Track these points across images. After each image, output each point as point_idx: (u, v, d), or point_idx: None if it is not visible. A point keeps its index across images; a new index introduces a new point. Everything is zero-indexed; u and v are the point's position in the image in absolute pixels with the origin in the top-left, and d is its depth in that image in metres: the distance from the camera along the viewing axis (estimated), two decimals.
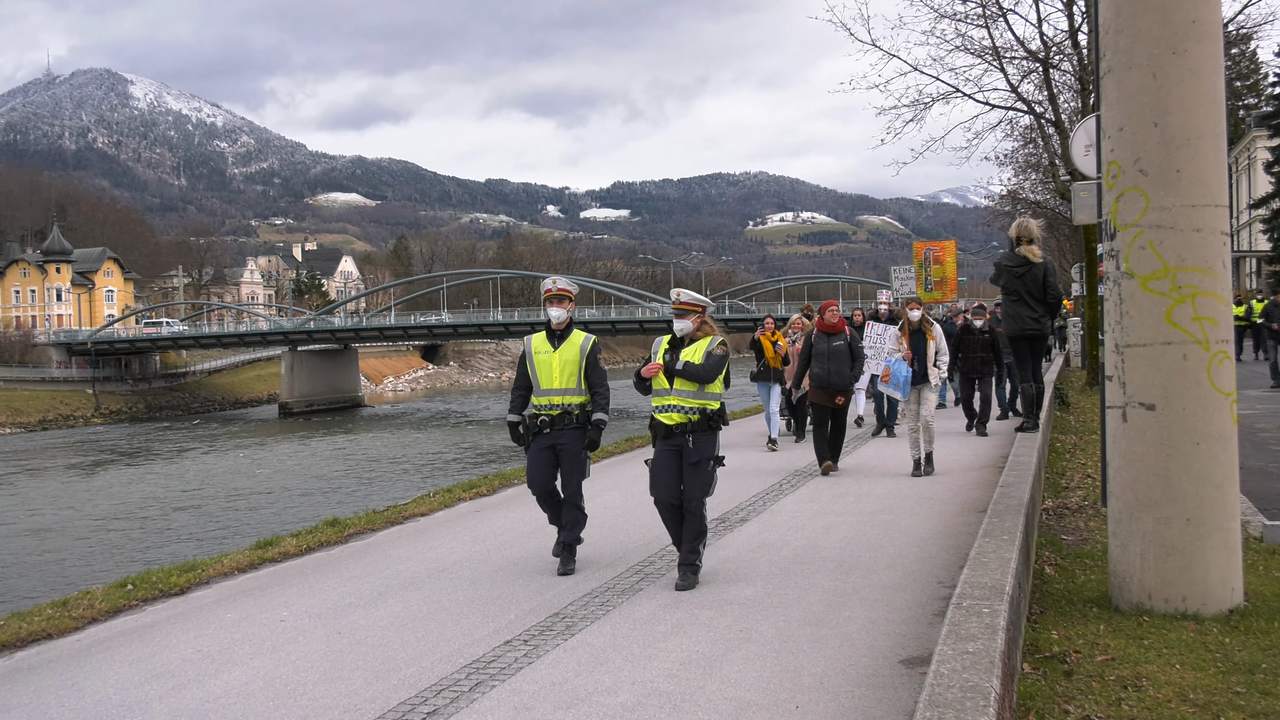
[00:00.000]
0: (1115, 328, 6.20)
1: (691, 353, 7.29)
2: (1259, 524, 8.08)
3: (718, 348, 7.29)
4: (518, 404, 8.20)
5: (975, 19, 22.01)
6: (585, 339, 8.10)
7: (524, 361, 8.19)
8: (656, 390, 7.40)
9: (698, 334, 7.40)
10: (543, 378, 8.01)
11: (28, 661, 6.22)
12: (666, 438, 7.37)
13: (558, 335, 8.07)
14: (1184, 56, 5.86)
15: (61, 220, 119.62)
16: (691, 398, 7.29)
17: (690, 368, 7.20)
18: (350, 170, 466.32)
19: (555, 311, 8.07)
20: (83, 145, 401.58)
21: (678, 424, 7.30)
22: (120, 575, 9.00)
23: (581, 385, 7.99)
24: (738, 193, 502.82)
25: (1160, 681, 4.78)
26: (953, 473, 11.75)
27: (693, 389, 7.28)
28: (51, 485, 43.58)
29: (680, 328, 7.39)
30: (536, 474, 8.02)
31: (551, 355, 7.99)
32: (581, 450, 7.95)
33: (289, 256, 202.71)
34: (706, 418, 7.31)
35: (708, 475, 7.30)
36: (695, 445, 7.26)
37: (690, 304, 7.41)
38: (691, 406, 7.30)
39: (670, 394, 7.35)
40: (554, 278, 8.22)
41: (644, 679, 5.34)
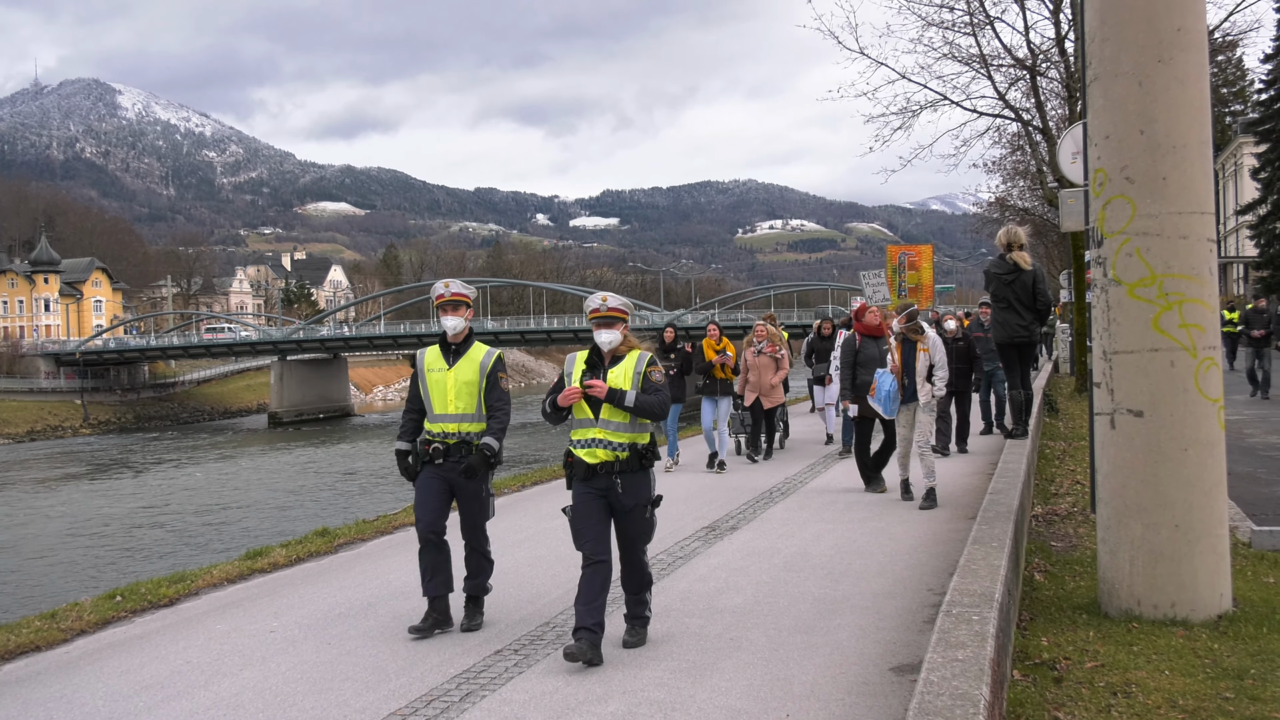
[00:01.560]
0: (1103, 334, 6.22)
1: (620, 375, 6.07)
2: (1247, 529, 8.10)
3: (653, 367, 6.11)
4: (408, 430, 6.94)
5: (963, 27, 22.08)
6: (486, 354, 6.92)
7: (415, 379, 6.96)
8: (577, 421, 6.12)
9: (622, 348, 6.17)
10: (436, 400, 6.81)
11: (16, 674, 6.19)
12: (588, 478, 6.04)
13: (454, 350, 6.86)
14: (1170, 64, 5.89)
15: (49, 230, 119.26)
16: (621, 430, 6.03)
17: (642, 401, 5.99)
18: (339, 179, 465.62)
19: (450, 321, 6.83)
20: (70, 155, 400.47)
21: (603, 462, 6.00)
22: (109, 587, 8.97)
23: (482, 410, 6.81)
24: (727, 200, 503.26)
25: (1149, 688, 4.79)
26: (942, 480, 11.75)
27: (623, 419, 6.03)
28: (38, 496, 43.38)
29: (607, 340, 6.12)
30: (426, 507, 6.75)
31: (446, 374, 6.79)
32: (481, 487, 6.78)
33: (278, 266, 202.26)
34: (638, 453, 6.06)
35: (646, 521, 6.12)
36: (627, 488, 6.01)
37: (619, 310, 6.16)
38: (621, 441, 6.03)
39: (594, 425, 6.05)
40: (447, 281, 7.02)
41: (635, 687, 5.33)
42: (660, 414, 6.06)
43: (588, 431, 6.09)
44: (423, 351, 7.00)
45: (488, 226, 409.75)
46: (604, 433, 6.05)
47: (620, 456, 6.03)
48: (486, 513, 6.89)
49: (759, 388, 14.42)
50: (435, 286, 7.06)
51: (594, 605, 5.82)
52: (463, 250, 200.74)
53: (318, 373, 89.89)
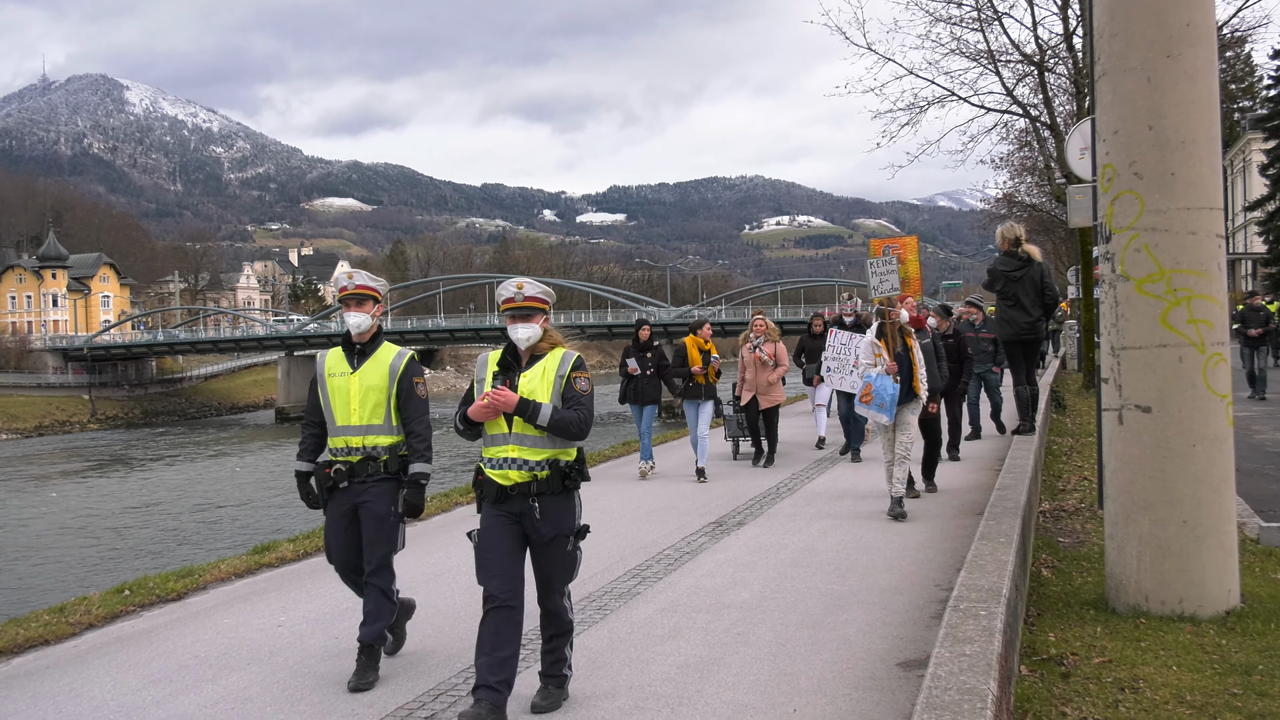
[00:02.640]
0: (1111, 330, 6.20)
1: (537, 377, 5.06)
2: (1255, 526, 8.09)
3: (579, 372, 5.11)
4: (309, 448, 5.98)
5: (970, 23, 22.04)
6: (397, 356, 5.93)
7: (315, 386, 5.98)
8: (489, 435, 5.12)
9: (543, 346, 5.15)
10: (338, 410, 5.83)
11: (25, 667, 6.21)
12: (500, 501, 5.06)
13: (358, 351, 5.90)
14: (1178, 60, 5.87)
15: (57, 226, 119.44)
16: (539, 445, 5.02)
17: (559, 419, 4.94)
18: (346, 175, 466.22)
19: (355, 318, 5.86)
20: (78, 151, 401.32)
21: (518, 484, 5.02)
22: (117, 581, 8.99)
23: (392, 421, 5.85)
24: (734, 197, 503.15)
25: (1157, 683, 4.78)
26: (949, 476, 11.74)
27: (542, 432, 5.03)
28: (47, 491, 43.49)
29: (524, 336, 5.09)
30: (336, 542, 5.89)
31: (349, 379, 5.84)
32: (390, 511, 5.81)
33: (285, 261, 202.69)
34: (560, 473, 5.05)
35: (568, 556, 5.14)
36: (546, 515, 5.03)
37: (537, 300, 5.12)
38: (539, 459, 5.02)
39: (508, 440, 5.04)
40: (350, 270, 6.01)
41: (641, 683, 5.34)
42: (580, 434, 4.99)
43: (501, 447, 5.06)
44: (323, 354, 6.03)
45: (495, 222, 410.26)
46: (519, 450, 5.03)
47: (539, 476, 5.02)
48: (394, 543, 5.87)
49: (755, 386, 13.47)
50: (338, 277, 6.06)
51: (499, 658, 4.86)
52: (469, 246, 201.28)
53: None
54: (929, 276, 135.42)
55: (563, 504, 5.10)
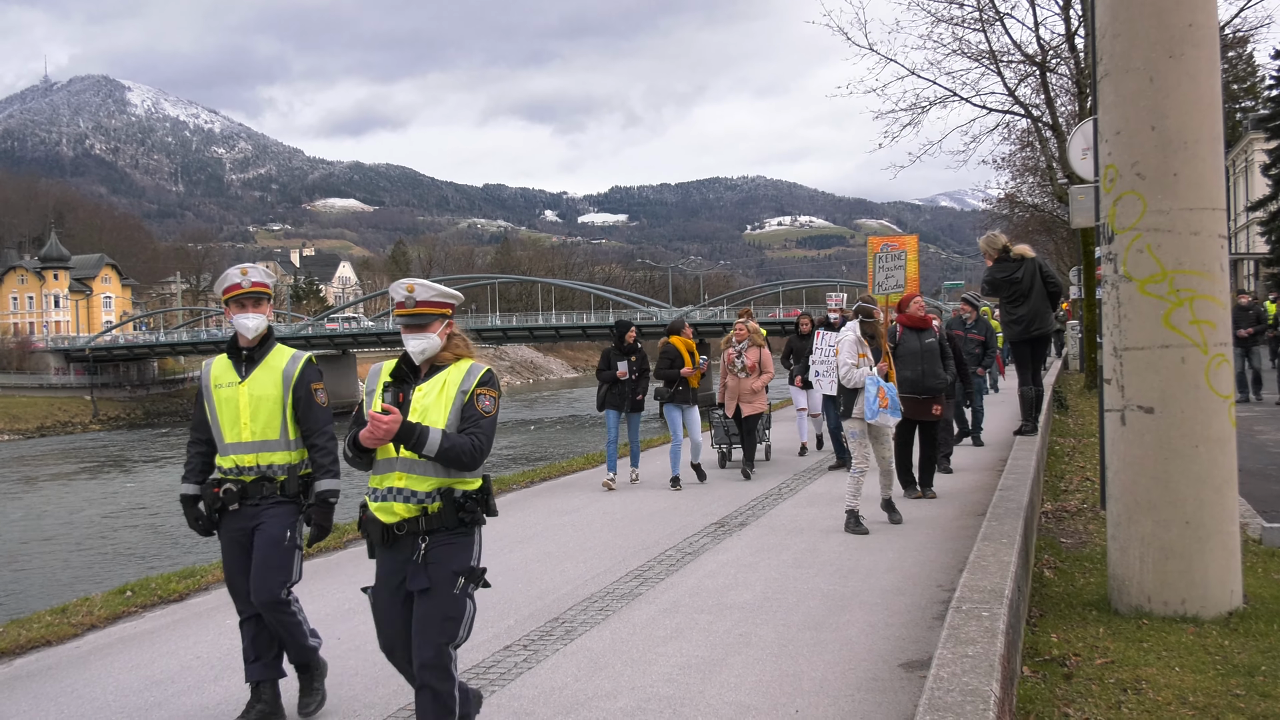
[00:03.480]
0: (1113, 331, 6.20)
1: (434, 392, 4.25)
2: (1258, 526, 8.08)
3: (484, 389, 4.27)
4: (196, 468, 5.27)
5: (972, 23, 22.03)
6: (292, 359, 5.27)
7: (201, 399, 5.29)
8: (377, 461, 4.28)
9: (445, 356, 4.34)
10: (226, 424, 5.15)
11: (27, 668, 6.21)
12: (388, 543, 4.24)
13: (246, 357, 5.22)
14: (1181, 60, 5.87)
15: (59, 227, 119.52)
16: (429, 472, 4.19)
17: (450, 446, 4.09)
18: (348, 176, 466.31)
19: (247, 320, 5.19)
20: (80, 152, 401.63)
21: (405, 520, 4.20)
22: (119, 582, 9.00)
23: (289, 435, 5.19)
24: (735, 197, 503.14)
25: (1160, 684, 4.78)
26: (951, 476, 11.73)
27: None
28: (48, 491, 43.51)
29: (418, 349, 4.28)
30: (237, 572, 5.16)
31: (237, 389, 5.16)
32: (285, 535, 5.09)
33: (287, 262, 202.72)
34: (454, 505, 4.22)
35: (452, 601, 4.17)
36: (432, 556, 4.17)
37: (434, 305, 4.31)
38: (427, 490, 4.20)
39: (394, 466, 4.23)
40: (244, 266, 5.39)
41: (643, 684, 5.34)
42: (471, 464, 4.14)
43: (386, 476, 4.25)
44: (209, 362, 5.34)
45: (496, 223, 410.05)
46: (405, 478, 4.21)
47: (429, 509, 4.20)
48: (290, 573, 5.12)
49: (738, 393, 12.73)
50: (229, 275, 5.30)
51: None
52: (471, 246, 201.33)
53: (326, 369, 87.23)
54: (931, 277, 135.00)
55: (456, 543, 4.21)
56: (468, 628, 4.23)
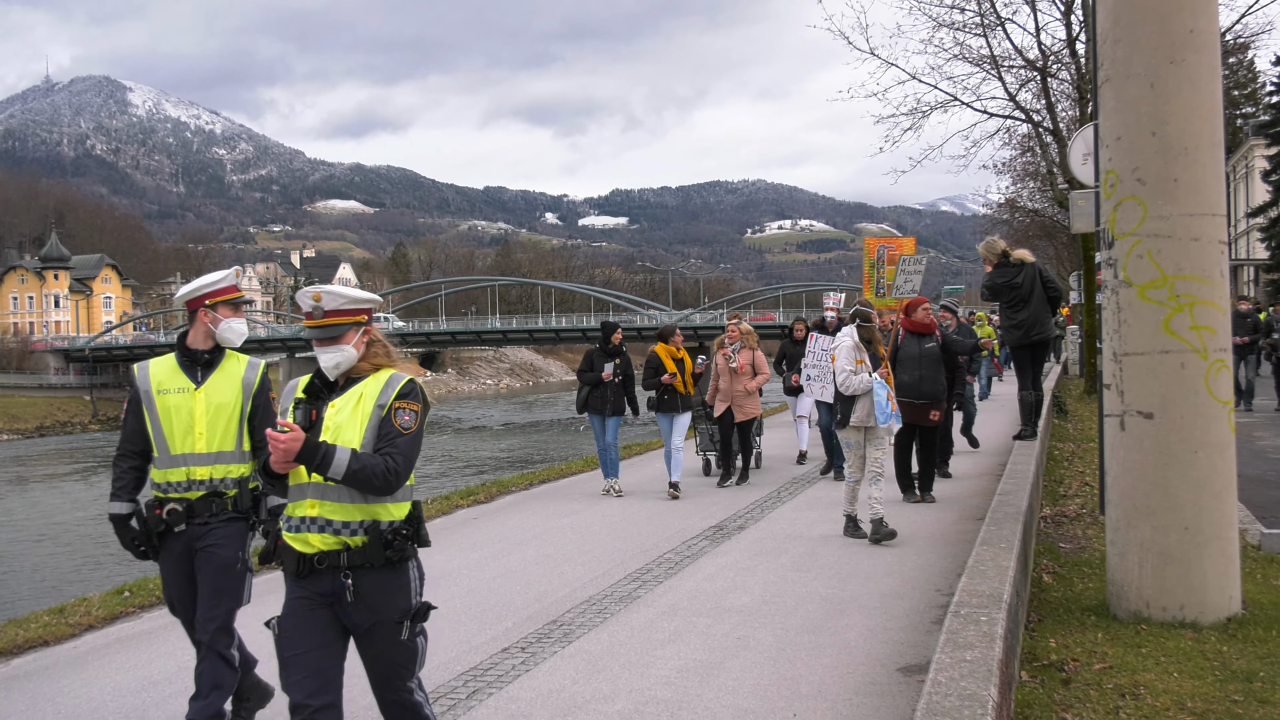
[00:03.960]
0: (1113, 336, 6.20)
1: (348, 407, 3.84)
2: (1257, 532, 8.08)
3: (404, 402, 3.84)
4: (128, 484, 4.89)
5: (973, 28, 22.03)
6: (250, 366, 4.99)
7: (138, 408, 4.87)
8: (292, 485, 3.87)
9: (363, 367, 3.93)
10: (176, 434, 4.80)
11: (24, 668, 6.21)
12: (303, 575, 3.84)
13: (204, 361, 4.91)
14: (1182, 66, 5.87)
15: (60, 227, 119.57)
16: (347, 499, 3.78)
17: (361, 467, 3.66)
18: (349, 177, 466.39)
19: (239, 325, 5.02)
20: (81, 152, 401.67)
21: (323, 553, 3.79)
22: (117, 582, 8.99)
23: (244, 446, 4.89)
24: (736, 200, 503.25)
25: (1158, 690, 4.77)
26: (951, 481, 11.73)
27: None
28: (46, 491, 43.50)
29: (331, 363, 3.88)
30: (183, 595, 4.86)
31: (191, 396, 4.82)
32: (238, 558, 4.81)
33: (287, 264, 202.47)
34: (381, 539, 3.79)
35: (401, 647, 3.87)
36: (364, 594, 3.78)
37: (346, 312, 3.90)
38: (345, 520, 3.78)
39: (305, 494, 3.82)
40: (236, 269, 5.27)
41: (641, 686, 5.33)
42: (384, 488, 3.71)
43: (300, 504, 3.83)
44: (143, 367, 4.94)
45: (496, 225, 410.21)
46: (318, 505, 3.78)
47: (352, 544, 3.77)
48: (239, 598, 4.85)
49: (730, 396, 12.29)
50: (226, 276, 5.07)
51: None
52: (471, 249, 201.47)
53: None
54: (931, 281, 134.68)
55: (388, 580, 3.80)
56: (423, 659, 3.98)
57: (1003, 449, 13.59)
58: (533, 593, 7.44)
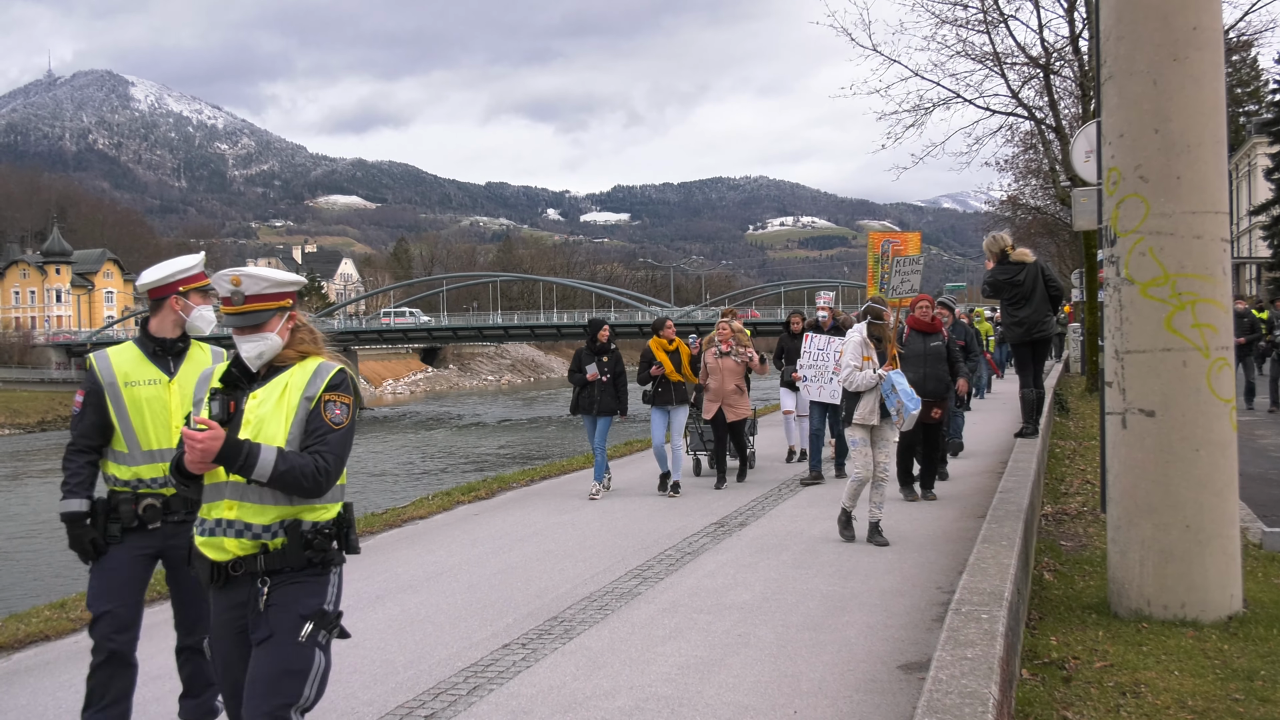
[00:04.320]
0: (1115, 334, 6.19)
1: (272, 399, 3.54)
2: (1258, 531, 8.07)
3: (333, 394, 3.56)
4: (84, 480, 4.51)
5: (976, 25, 22.03)
6: (216, 354, 4.70)
7: (99, 401, 4.51)
8: (206, 486, 3.54)
9: (288, 355, 3.64)
10: (149, 430, 4.51)
11: (25, 663, 6.21)
12: (223, 586, 3.52)
13: (174, 352, 4.64)
14: (1185, 63, 5.86)
15: (61, 221, 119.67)
16: (268, 500, 3.47)
17: (288, 467, 3.36)
18: (351, 173, 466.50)
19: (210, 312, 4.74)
20: (83, 146, 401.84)
21: (239, 559, 3.47)
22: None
23: None
24: (738, 197, 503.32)
25: (1159, 688, 4.77)
26: (951, 479, 11.73)
27: None
28: (46, 486, 43.53)
29: (254, 353, 3.57)
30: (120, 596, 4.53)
31: (163, 388, 4.55)
32: None
33: (289, 259, 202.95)
34: (301, 541, 3.50)
35: (297, 658, 3.45)
36: (276, 598, 3.47)
37: (268, 297, 3.59)
38: (265, 523, 3.47)
39: (222, 495, 3.49)
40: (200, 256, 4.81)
41: (642, 683, 5.33)
42: (314, 489, 3.42)
43: (214, 505, 3.51)
44: (103, 357, 4.60)
45: (498, 221, 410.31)
46: (236, 507, 3.46)
47: (271, 546, 3.47)
48: None
49: (720, 396, 12.01)
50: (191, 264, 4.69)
51: None
52: (473, 244, 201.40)
53: None
54: (933, 278, 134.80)
55: (306, 584, 3.51)
56: (317, 686, 3.48)
57: (1004, 447, 13.58)
58: (534, 589, 7.44)
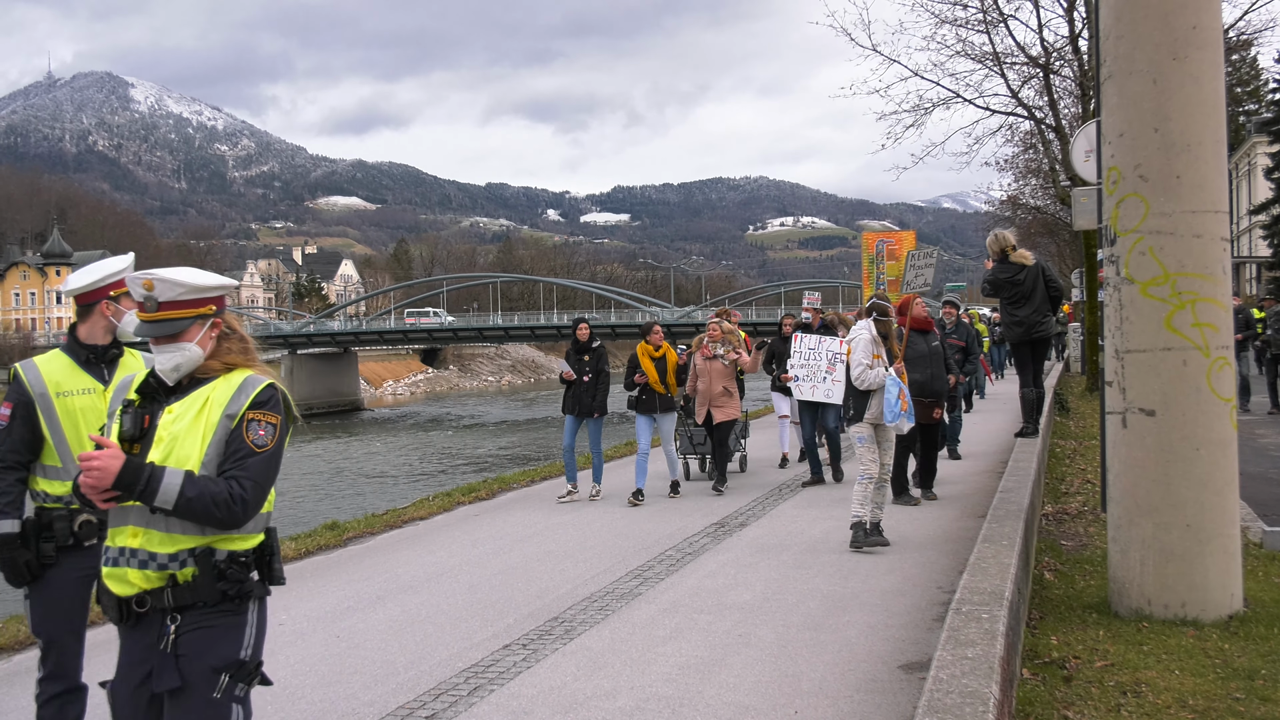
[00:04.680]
0: (1115, 333, 6.19)
1: (189, 415, 3.16)
2: (1259, 530, 8.07)
3: (258, 413, 3.18)
4: (14, 498, 4.15)
5: (976, 25, 22.01)
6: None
7: (29, 413, 4.16)
8: (111, 511, 3.16)
9: (212, 366, 3.26)
10: (83, 441, 4.13)
11: (25, 664, 6.22)
12: (128, 622, 3.15)
13: (108, 359, 4.31)
14: (1184, 62, 5.86)
15: (62, 223, 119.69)
16: (174, 529, 3.09)
17: (199, 494, 3.00)
18: (351, 174, 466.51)
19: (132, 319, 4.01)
20: (83, 148, 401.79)
21: (145, 592, 3.09)
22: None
23: None
24: (738, 197, 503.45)
25: (1160, 687, 4.77)
26: (952, 479, 11.72)
27: None
28: None
29: (170, 365, 3.19)
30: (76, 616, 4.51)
31: (100, 396, 4.22)
32: None
33: (289, 260, 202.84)
34: (214, 573, 3.10)
35: (211, 708, 3.11)
36: (185, 645, 3.08)
37: (186, 304, 3.22)
38: (173, 552, 3.09)
39: (126, 520, 3.12)
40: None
41: (642, 683, 5.33)
42: (229, 520, 3.04)
43: (119, 533, 3.14)
44: (30, 366, 4.24)
45: (499, 222, 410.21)
46: (141, 535, 3.09)
47: (179, 577, 3.08)
48: None
49: (709, 399, 11.66)
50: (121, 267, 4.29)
51: None
52: (473, 245, 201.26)
53: (328, 367, 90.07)
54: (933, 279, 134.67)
55: (222, 624, 3.12)
56: None
57: (1004, 447, 13.58)
58: (534, 589, 7.44)
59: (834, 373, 10.33)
